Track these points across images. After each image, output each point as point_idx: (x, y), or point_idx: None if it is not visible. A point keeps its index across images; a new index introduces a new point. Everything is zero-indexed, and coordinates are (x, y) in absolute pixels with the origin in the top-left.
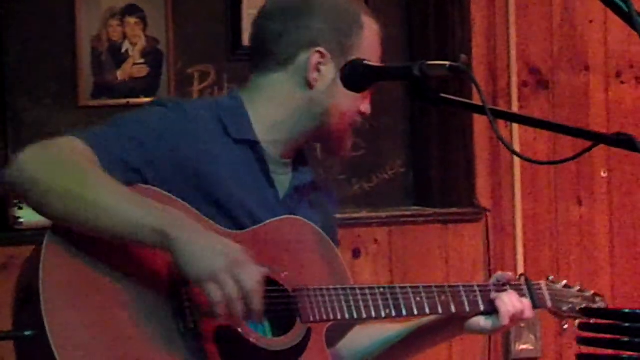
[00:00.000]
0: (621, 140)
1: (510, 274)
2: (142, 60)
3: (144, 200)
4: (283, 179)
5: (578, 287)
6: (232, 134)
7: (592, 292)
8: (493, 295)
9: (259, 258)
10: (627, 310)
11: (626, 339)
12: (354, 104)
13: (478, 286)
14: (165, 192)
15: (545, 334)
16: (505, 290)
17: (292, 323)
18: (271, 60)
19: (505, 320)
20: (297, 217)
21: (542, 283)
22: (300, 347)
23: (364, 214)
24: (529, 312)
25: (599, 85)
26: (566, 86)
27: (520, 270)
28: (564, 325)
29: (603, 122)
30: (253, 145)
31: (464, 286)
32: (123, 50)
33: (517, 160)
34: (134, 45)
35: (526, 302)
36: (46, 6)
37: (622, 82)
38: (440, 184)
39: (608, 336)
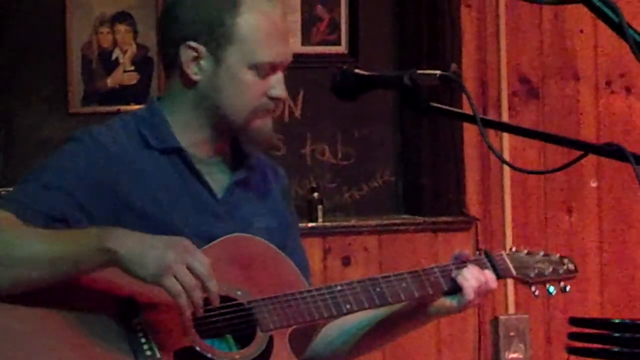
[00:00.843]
0: (611, 150)
1: (467, 252)
2: (132, 68)
3: (75, 231)
4: (220, 178)
5: (542, 253)
6: (155, 145)
7: (559, 255)
8: (454, 273)
9: None
10: (616, 320)
11: (616, 348)
12: (254, 92)
13: (437, 267)
14: None
15: (535, 342)
16: (465, 267)
17: (253, 335)
18: (166, 63)
19: (470, 295)
20: (245, 234)
21: (503, 253)
22: (264, 356)
23: (354, 222)
24: (492, 283)
25: (589, 95)
26: (556, 96)
27: (509, 280)
28: (535, 292)
29: (593, 132)
30: (178, 151)
31: (423, 270)
32: (113, 57)
33: (507, 169)
34: (124, 52)
35: (488, 273)
36: (37, 13)
37: (612, 92)
38: (431, 193)
39: (598, 346)
